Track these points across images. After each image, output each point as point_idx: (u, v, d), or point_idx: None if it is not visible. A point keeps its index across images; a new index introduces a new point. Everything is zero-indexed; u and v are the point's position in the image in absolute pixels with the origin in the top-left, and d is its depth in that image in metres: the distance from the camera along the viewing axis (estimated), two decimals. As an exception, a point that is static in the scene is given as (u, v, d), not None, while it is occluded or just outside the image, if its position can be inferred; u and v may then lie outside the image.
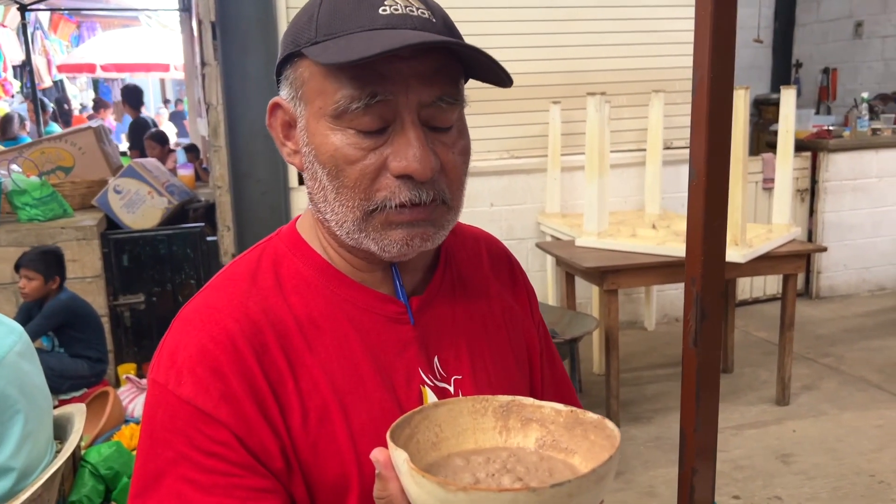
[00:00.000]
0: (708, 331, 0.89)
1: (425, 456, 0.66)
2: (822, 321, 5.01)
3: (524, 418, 0.70)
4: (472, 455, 0.67)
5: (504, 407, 0.70)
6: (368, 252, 0.80)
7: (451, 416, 0.69)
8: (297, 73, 0.78)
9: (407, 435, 0.65)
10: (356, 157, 0.74)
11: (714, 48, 0.82)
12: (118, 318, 4.08)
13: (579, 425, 0.67)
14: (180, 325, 0.78)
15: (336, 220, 0.78)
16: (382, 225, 0.77)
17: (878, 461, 3.18)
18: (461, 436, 0.69)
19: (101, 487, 2.38)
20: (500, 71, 0.77)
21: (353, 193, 0.75)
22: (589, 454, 0.65)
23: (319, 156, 0.76)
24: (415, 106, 0.74)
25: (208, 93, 4.16)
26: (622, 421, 3.57)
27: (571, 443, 0.67)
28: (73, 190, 4.33)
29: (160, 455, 0.73)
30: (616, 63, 4.69)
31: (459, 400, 0.70)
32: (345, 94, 0.73)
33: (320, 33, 0.74)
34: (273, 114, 0.83)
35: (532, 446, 0.69)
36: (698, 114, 0.84)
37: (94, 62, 9.80)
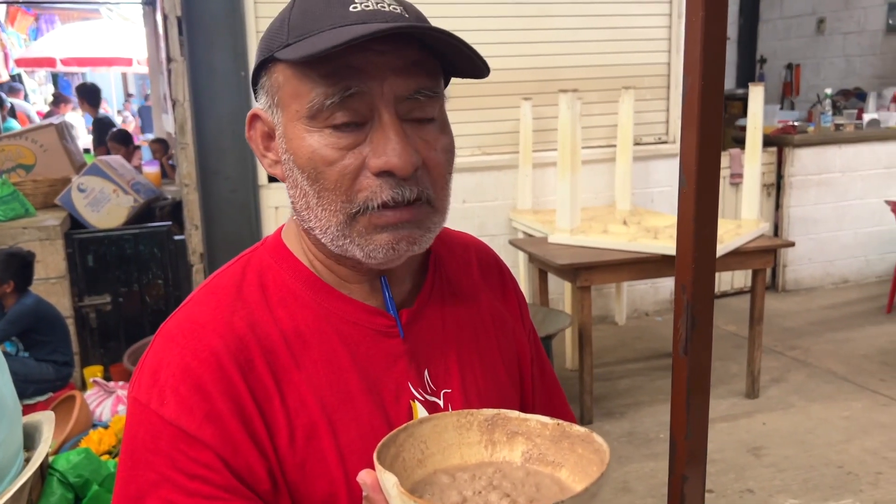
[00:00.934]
0: (698, 338, 0.88)
1: (411, 474, 0.65)
2: (788, 314, 5.10)
3: (510, 432, 0.69)
4: (457, 472, 0.66)
5: (489, 421, 0.69)
6: (355, 261, 0.78)
7: (436, 431, 0.68)
8: (273, 79, 0.76)
9: (393, 454, 0.64)
10: (334, 158, 0.72)
11: (705, 56, 0.81)
12: (83, 319, 3.99)
13: (566, 438, 0.66)
14: (162, 341, 0.75)
15: (320, 226, 0.76)
16: (367, 229, 0.74)
17: (846, 452, 3.25)
18: (447, 451, 0.68)
19: (70, 496, 2.32)
20: (476, 58, 0.75)
21: (335, 196, 0.73)
22: (577, 468, 0.64)
23: (298, 160, 0.74)
24: (392, 100, 0.72)
25: (174, 89, 4.08)
26: (595, 416, 3.60)
27: (558, 456, 0.66)
28: (35, 189, 4.22)
29: (141, 476, 0.70)
30: (586, 59, 4.71)
31: (444, 415, 0.69)
32: (319, 91, 0.71)
33: (292, 35, 0.73)
34: (252, 125, 0.81)
35: (518, 460, 0.68)
36: (689, 121, 0.83)
37: (53, 56, 9.57)
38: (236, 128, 4.10)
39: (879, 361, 4.21)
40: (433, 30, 0.71)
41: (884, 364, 4.17)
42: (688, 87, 0.83)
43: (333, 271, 0.81)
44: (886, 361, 4.21)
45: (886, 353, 4.34)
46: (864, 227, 5.65)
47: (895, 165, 5.62)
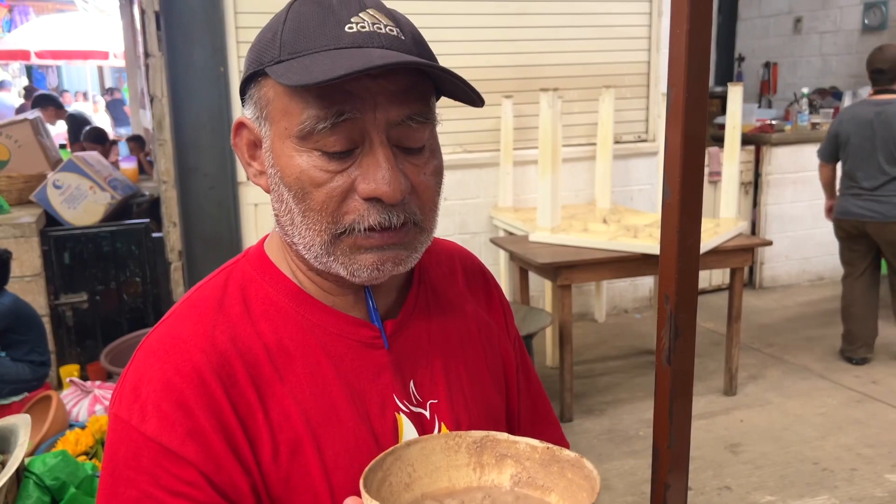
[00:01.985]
0: (682, 348, 0.89)
1: (399, 498, 0.64)
2: (765, 311, 5.16)
3: (498, 454, 0.68)
4: (445, 497, 0.65)
5: (478, 443, 0.68)
6: (338, 276, 0.78)
7: (424, 454, 0.67)
8: (262, 92, 0.75)
9: (380, 479, 0.63)
10: (323, 180, 0.72)
11: (689, 67, 0.81)
12: (60, 317, 3.94)
13: (556, 462, 0.66)
14: (143, 356, 0.74)
15: (303, 243, 0.75)
16: (351, 249, 0.74)
17: (822, 448, 3.29)
18: (434, 474, 0.67)
19: (46, 499, 2.29)
20: (471, 91, 0.75)
21: (320, 217, 0.73)
22: (566, 493, 0.64)
23: (285, 178, 0.73)
24: (383, 125, 0.71)
25: (152, 84, 4.03)
26: (575, 413, 3.62)
27: (548, 480, 0.66)
28: (10, 185, 4.15)
29: (123, 494, 0.70)
30: (567, 58, 4.72)
31: (431, 437, 0.69)
32: (311, 114, 0.70)
33: (284, 52, 0.72)
34: (238, 133, 0.80)
35: (507, 483, 0.67)
36: (673, 131, 0.84)
37: (27, 49, 9.43)
38: (215, 124, 4.06)
39: (854, 358, 4.28)
40: (429, 66, 0.70)
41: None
42: (672, 97, 0.83)
43: (317, 283, 0.80)
44: (861, 358, 4.27)
45: (861, 349, 4.40)
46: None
47: (870, 164, 5.69)
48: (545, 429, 1.04)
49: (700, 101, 0.84)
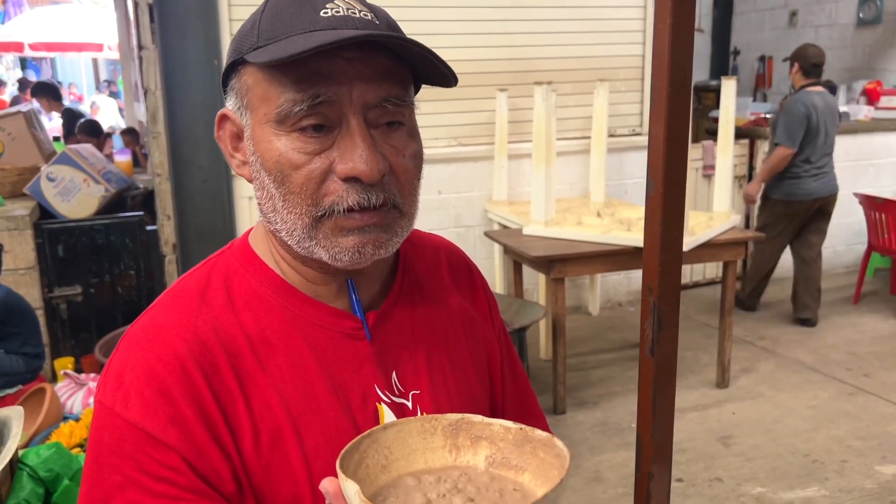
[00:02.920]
0: (664, 339, 0.90)
1: (375, 480, 0.65)
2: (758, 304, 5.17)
3: (473, 436, 0.69)
4: (423, 474, 0.66)
5: (453, 425, 0.69)
6: (321, 263, 0.78)
7: (400, 437, 0.68)
8: (242, 81, 0.76)
9: (356, 461, 0.64)
10: (301, 162, 0.73)
11: (673, 61, 0.82)
12: (54, 310, 3.94)
13: (528, 443, 0.67)
14: (127, 344, 0.76)
15: (286, 228, 0.76)
16: (332, 231, 0.75)
17: (813, 441, 3.31)
18: (411, 456, 0.68)
19: (40, 491, 2.30)
20: (445, 68, 0.76)
21: (300, 199, 0.74)
22: (539, 472, 0.66)
23: (265, 163, 0.75)
24: (360, 107, 0.73)
25: (146, 77, 4.02)
26: (568, 406, 3.63)
27: (521, 460, 0.67)
28: (4, 177, 4.15)
29: (107, 479, 0.71)
30: (561, 51, 4.72)
31: (408, 420, 0.70)
32: (287, 97, 0.72)
33: (262, 38, 0.73)
34: (221, 126, 0.81)
35: (482, 464, 0.68)
36: (656, 124, 0.84)
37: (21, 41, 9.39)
38: (209, 117, 4.06)
39: (846, 351, 4.30)
40: (401, 39, 0.71)
41: (850, 354, 4.26)
42: (655, 92, 0.84)
43: (300, 273, 0.81)
44: (853, 351, 4.30)
45: (853, 343, 4.43)
46: (833, 219, 5.73)
47: (863, 158, 5.72)
48: (531, 422, 1.04)
49: (683, 96, 0.85)
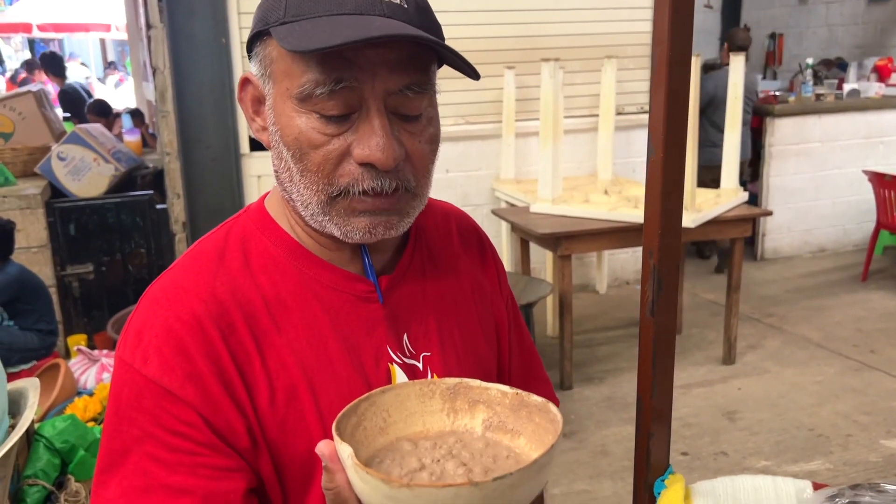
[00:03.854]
0: (664, 301, 0.92)
1: (373, 442, 0.66)
2: (766, 282, 5.18)
3: (471, 400, 0.71)
4: (420, 439, 0.68)
5: (451, 389, 0.71)
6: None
7: (399, 400, 0.69)
8: (266, 51, 0.77)
9: (354, 423, 0.65)
10: (320, 142, 0.74)
11: (673, 28, 0.83)
12: (66, 288, 3.99)
13: (524, 407, 0.68)
14: (147, 303, 0.78)
15: (301, 200, 0.78)
16: (346, 211, 0.77)
17: (818, 415, 3.34)
18: (409, 419, 0.69)
19: (56, 461, 2.35)
20: (466, 66, 0.76)
21: (317, 178, 0.75)
22: (534, 436, 0.67)
23: (284, 137, 0.76)
24: (381, 94, 0.73)
25: (154, 56, 4.04)
26: (575, 382, 3.66)
27: (517, 424, 0.68)
28: (15, 157, 4.18)
29: (126, 433, 0.73)
30: (569, 28, 4.70)
31: (406, 384, 0.71)
32: (310, 78, 0.72)
33: (289, 13, 0.73)
34: (244, 88, 0.82)
35: (479, 428, 0.70)
36: (657, 92, 0.86)
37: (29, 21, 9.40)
38: (217, 96, 4.08)
39: (853, 328, 4.31)
40: (424, 40, 0.71)
41: (857, 331, 4.27)
42: (656, 59, 0.86)
43: (315, 238, 0.83)
44: (860, 328, 4.31)
45: (860, 320, 4.43)
46: (842, 197, 5.73)
47: (874, 135, 5.69)
48: (537, 386, 1.07)
49: (684, 61, 0.86)
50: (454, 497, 0.54)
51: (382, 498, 0.56)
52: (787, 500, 0.97)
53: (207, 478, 0.72)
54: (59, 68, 7.76)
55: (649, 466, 0.97)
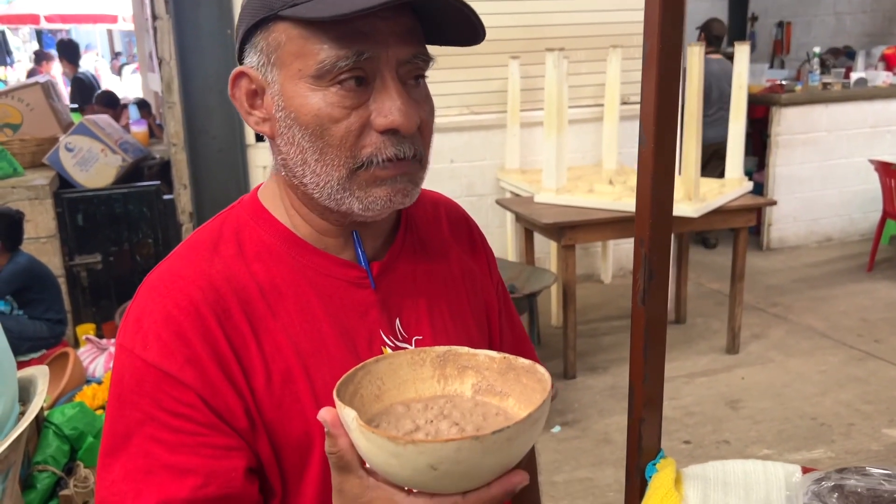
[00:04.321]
0: (655, 289, 0.93)
1: (369, 408, 0.69)
2: (772, 272, 5.18)
3: (460, 366, 0.73)
4: (412, 402, 0.71)
5: (441, 357, 0.74)
6: (337, 215, 0.82)
7: (392, 369, 0.72)
8: (271, 38, 0.78)
9: (351, 391, 0.68)
10: (341, 116, 0.76)
11: (663, 21, 0.84)
12: (75, 278, 4.03)
13: (512, 370, 0.71)
14: (146, 291, 0.80)
15: (317, 181, 0.79)
16: (367, 182, 0.79)
17: (821, 405, 3.35)
18: (402, 386, 0.72)
19: (65, 447, 2.39)
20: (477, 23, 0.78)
21: (339, 152, 0.77)
22: (522, 397, 0.70)
23: (301, 117, 0.77)
24: (394, 63, 0.76)
25: (160, 47, 4.06)
26: (579, 371, 3.68)
27: (505, 387, 0.71)
28: (23, 148, 4.22)
29: (128, 416, 0.75)
30: (575, 18, 4.70)
31: (399, 353, 0.74)
32: (330, 53, 0.74)
33: None
34: (236, 84, 0.83)
35: (468, 392, 0.73)
36: (648, 83, 0.87)
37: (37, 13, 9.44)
38: (223, 87, 4.05)
39: (858, 318, 4.31)
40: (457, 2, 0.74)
41: (862, 320, 4.27)
42: (647, 50, 0.87)
43: (311, 225, 0.85)
44: (865, 318, 4.31)
45: (865, 309, 4.43)
46: (849, 186, 5.71)
47: (881, 124, 5.67)
48: (529, 371, 1.09)
49: (674, 52, 0.87)
50: (456, 451, 0.56)
51: (387, 456, 0.58)
52: (776, 484, 0.99)
53: (209, 457, 0.74)
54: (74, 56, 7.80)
55: (641, 451, 0.99)
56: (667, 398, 3.56)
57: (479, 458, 0.57)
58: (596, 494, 2.78)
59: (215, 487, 0.74)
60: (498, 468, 0.60)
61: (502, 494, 0.61)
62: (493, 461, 0.59)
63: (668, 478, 0.97)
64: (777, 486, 0.98)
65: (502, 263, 3.71)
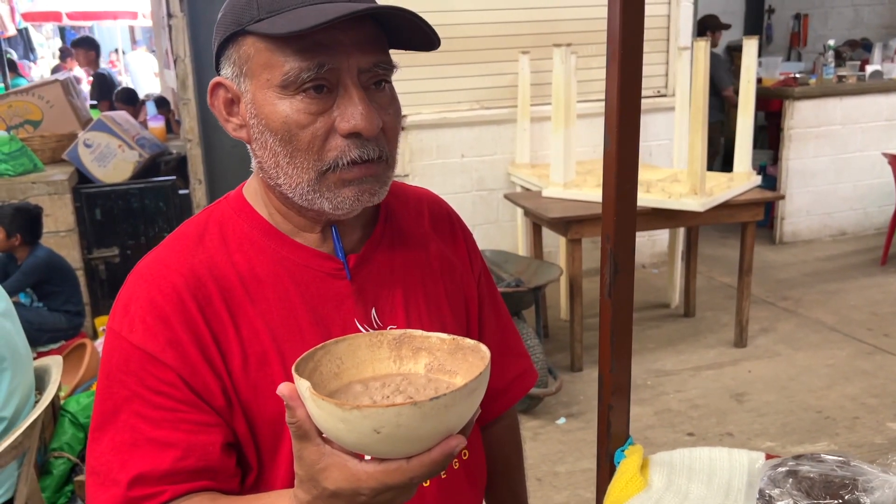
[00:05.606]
0: (621, 283, 0.98)
1: (328, 385, 0.75)
2: (783, 266, 5.17)
3: (415, 348, 0.79)
4: (370, 381, 0.77)
5: (397, 339, 0.79)
6: (316, 212, 0.88)
7: (351, 349, 0.78)
8: (241, 51, 0.84)
9: (311, 368, 0.73)
10: (307, 122, 0.82)
11: (624, 27, 0.89)
12: (93, 271, 4.14)
13: (460, 350, 0.77)
14: (134, 279, 0.87)
15: (289, 183, 0.85)
16: (336, 184, 0.84)
17: (826, 398, 3.36)
18: (360, 366, 0.78)
19: (80, 435, 2.48)
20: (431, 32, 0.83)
21: (307, 156, 0.83)
22: (468, 373, 0.75)
23: (270, 124, 0.83)
24: (355, 71, 0.82)
25: (175, 44, 4.14)
26: (585, 364, 3.72)
27: (454, 365, 0.77)
28: (43, 144, 4.32)
29: (116, 394, 0.83)
30: (585, 13, 4.71)
31: (357, 336, 0.79)
32: (293, 65, 0.80)
33: (262, 11, 0.81)
34: (214, 93, 0.89)
35: (422, 371, 0.78)
36: (611, 86, 0.92)
37: (59, 10, 9.59)
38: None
39: (868, 312, 4.30)
40: (394, 9, 0.80)
41: (872, 314, 4.26)
42: (609, 54, 0.91)
43: (291, 221, 0.91)
44: (875, 312, 4.30)
45: (876, 303, 4.42)
46: (863, 180, 5.68)
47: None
48: (513, 360, 1.13)
49: (635, 55, 0.92)
50: (397, 415, 0.61)
51: (336, 421, 0.64)
52: (739, 469, 1.03)
53: (188, 432, 0.81)
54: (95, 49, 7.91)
55: (610, 437, 1.04)
56: (672, 391, 3.58)
57: (418, 423, 0.62)
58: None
59: (194, 460, 0.80)
60: (437, 435, 0.65)
61: (442, 458, 0.65)
62: (432, 426, 0.64)
63: (635, 463, 1.02)
64: (740, 472, 1.03)
65: (511, 257, 3.75)
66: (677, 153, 4.27)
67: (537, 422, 3.25)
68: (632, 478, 0.99)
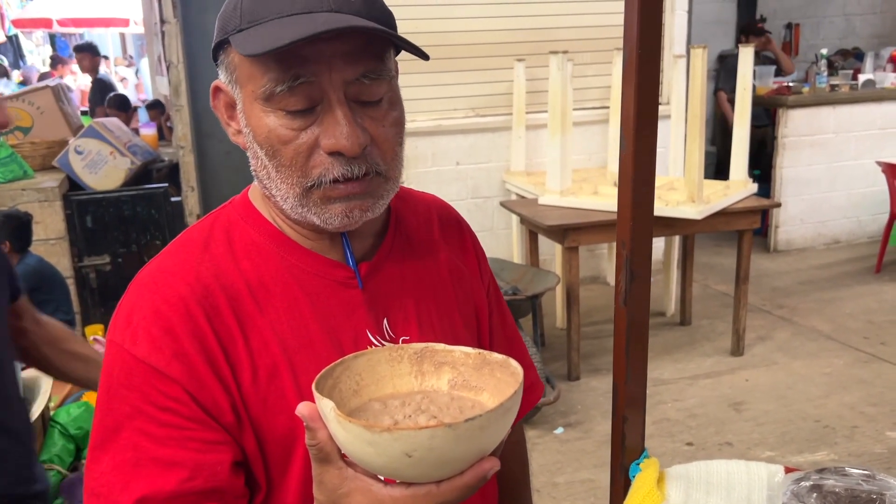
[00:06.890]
0: (637, 290, 0.95)
1: (347, 403, 0.71)
2: (778, 274, 5.17)
3: (437, 363, 0.75)
4: (389, 399, 0.73)
5: (418, 353, 0.75)
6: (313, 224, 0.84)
7: (370, 365, 0.74)
8: (230, 58, 0.81)
9: (330, 385, 0.70)
10: (289, 137, 0.78)
11: (641, 28, 0.86)
12: (84, 279, 4.08)
13: (486, 365, 0.73)
14: (136, 288, 0.82)
15: (280, 195, 0.82)
16: (321, 200, 0.81)
17: (825, 407, 3.34)
18: (380, 382, 0.74)
19: (71, 447, 2.43)
20: (415, 51, 0.80)
21: (291, 171, 0.80)
22: (496, 390, 0.71)
23: (257, 137, 0.80)
24: (339, 84, 0.77)
25: (168, 51, 4.11)
26: (583, 373, 3.69)
27: (480, 381, 0.73)
28: (33, 150, 4.27)
29: (117, 409, 0.78)
30: (580, 20, 4.71)
31: (377, 350, 0.75)
32: (270, 77, 0.76)
33: (244, 20, 0.77)
34: (216, 96, 0.86)
35: (445, 387, 0.74)
36: (627, 90, 0.89)
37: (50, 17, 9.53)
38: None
39: (864, 320, 4.30)
40: (369, 29, 0.75)
41: (868, 322, 4.26)
42: (626, 57, 0.89)
43: (296, 228, 0.87)
44: (871, 320, 4.29)
45: (872, 312, 4.42)
46: (856, 188, 5.69)
47: (889, 126, 5.64)
48: (520, 371, 1.10)
49: (652, 58, 0.89)
50: (430, 437, 0.58)
51: (363, 444, 0.60)
52: (758, 483, 1.00)
53: (195, 450, 0.76)
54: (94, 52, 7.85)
55: (624, 450, 1.01)
56: (670, 400, 3.55)
57: (452, 446, 0.59)
58: (598, 496, 2.79)
59: (201, 480, 0.75)
60: (470, 457, 0.61)
61: (475, 481, 0.62)
62: (466, 449, 0.60)
63: (651, 477, 0.98)
64: (759, 486, 1.00)
65: (507, 265, 3.73)
66: (672, 161, 4.27)
67: (535, 432, 3.22)
68: (649, 492, 0.96)
